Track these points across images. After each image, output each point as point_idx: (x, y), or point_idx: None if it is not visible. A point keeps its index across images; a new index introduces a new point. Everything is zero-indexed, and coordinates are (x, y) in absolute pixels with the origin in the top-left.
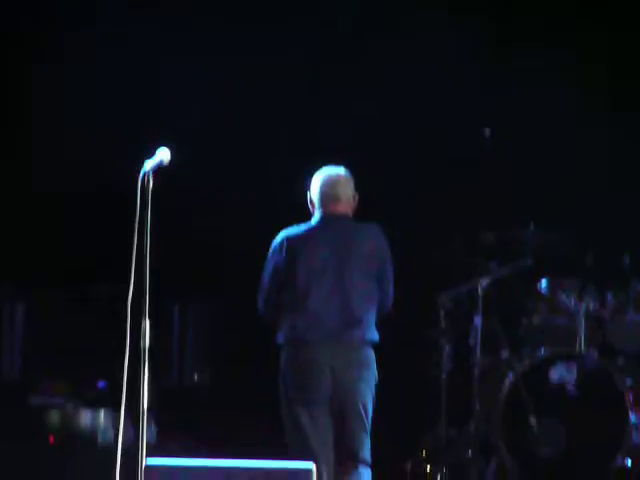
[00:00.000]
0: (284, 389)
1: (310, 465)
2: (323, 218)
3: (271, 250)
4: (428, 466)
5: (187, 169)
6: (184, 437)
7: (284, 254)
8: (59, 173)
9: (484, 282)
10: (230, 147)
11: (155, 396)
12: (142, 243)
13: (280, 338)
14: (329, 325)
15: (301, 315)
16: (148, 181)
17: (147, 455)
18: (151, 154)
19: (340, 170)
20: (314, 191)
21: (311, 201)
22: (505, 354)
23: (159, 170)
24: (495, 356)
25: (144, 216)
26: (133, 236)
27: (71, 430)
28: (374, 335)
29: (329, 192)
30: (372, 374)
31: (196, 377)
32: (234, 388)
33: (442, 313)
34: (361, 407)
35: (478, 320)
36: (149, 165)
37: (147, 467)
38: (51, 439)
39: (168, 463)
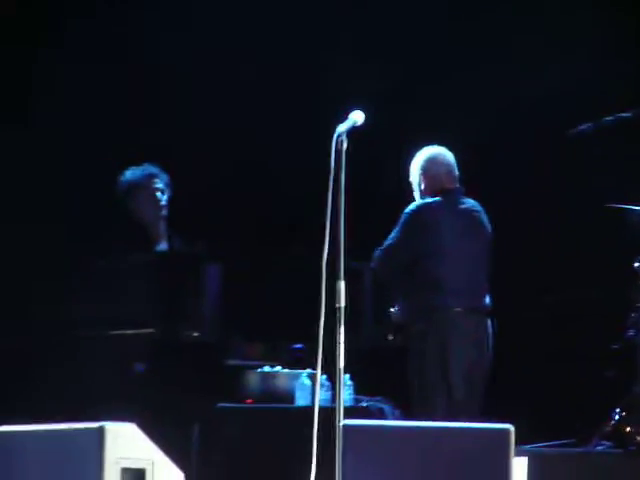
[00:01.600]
0: (427, 354)
1: (508, 426)
2: (450, 193)
3: (408, 218)
4: (628, 427)
5: (381, 129)
6: (380, 398)
7: (423, 225)
8: (250, 138)
9: None
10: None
11: (351, 357)
12: (336, 204)
13: (416, 304)
14: (472, 294)
15: (446, 284)
16: (342, 143)
17: (344, 416)
18: (344, 117)
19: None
20: (433, 169)
21: (428, 177)
22: None
23: (353, 132)
24: None
25: (338, 178)
26: (327, 197)
27: (269, 392)
28: None
29: (450, 171)
30: None
31: (390, 337)
32: None
33: None
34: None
35: None
36: (342, 127)
37: (344, 427)
38: (249, 400)
39: (364, 424)
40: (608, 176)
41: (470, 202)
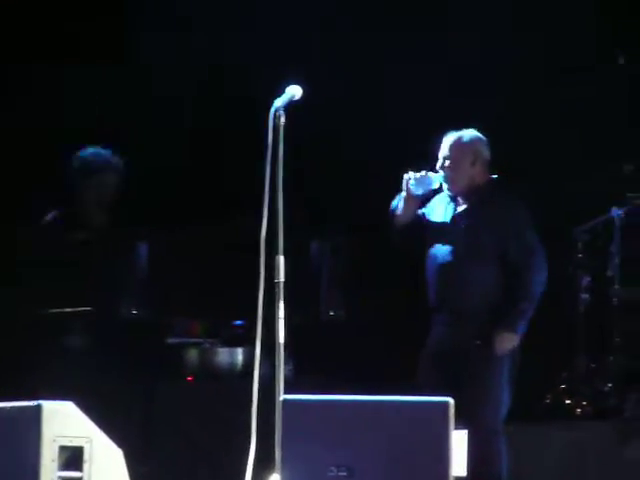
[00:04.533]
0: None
1: (448, 399)
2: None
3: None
4: (567, 399)
5: (322, 104)
6: (320, 373)
7: None
8: (198, 109)
9: (621, 213)
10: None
11: (291, 332)
12: (275, 179)
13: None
14: None
15: None
16: (279, 117)
17: (284, 391)
18: (282, 91)
19: None
20: (487, 155)
21: (484, 163)
22: None
23: (291, 106)
24: (634, 287)
25: (276, 152)
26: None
27: (209, 368)
28: None
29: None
30: None
31: (332, 313)
32: (370, 323)
33: (579, 245)
34: None
35: (616, 251)
36: (280, 102)
37: (283, 402)
38: (189, 378)
39: (304, 398)
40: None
41: None
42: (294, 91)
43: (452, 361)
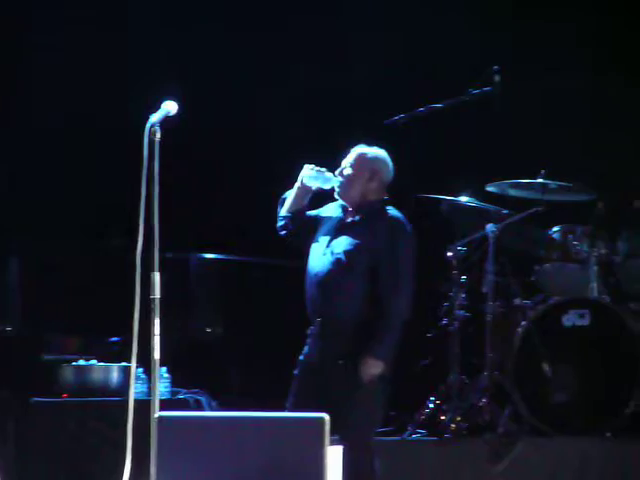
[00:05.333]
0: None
1: (323, 415)
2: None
3: (412, 245)
4: (442, 415)
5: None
6: (196, 390)
7: None
8: (72, 126)
9: (495, 230)
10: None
11: (168, 349)
12: (150, 195)
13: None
14: None
15: None
16: (155, 133)
17: (160, 408)
18: (157, 107)
19: None
20: (387, 176)
21: (382, 182)
22: (517, 301)
23: (166, 122)
24: (508, 304)
25: (152, 167)
26: (141, 188)
27: (84, 385)
28: None
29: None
30: None
31: (209, 330)
32: (247, 341)
33: (454, 262)
34: None
35: (490, 268)
36: (155, 117)
37: (159, 419)
38: (64, 395)
39: (179, 415)
40: (420, 166)
41: None
42: (170, 107)
43: (322, 375)
